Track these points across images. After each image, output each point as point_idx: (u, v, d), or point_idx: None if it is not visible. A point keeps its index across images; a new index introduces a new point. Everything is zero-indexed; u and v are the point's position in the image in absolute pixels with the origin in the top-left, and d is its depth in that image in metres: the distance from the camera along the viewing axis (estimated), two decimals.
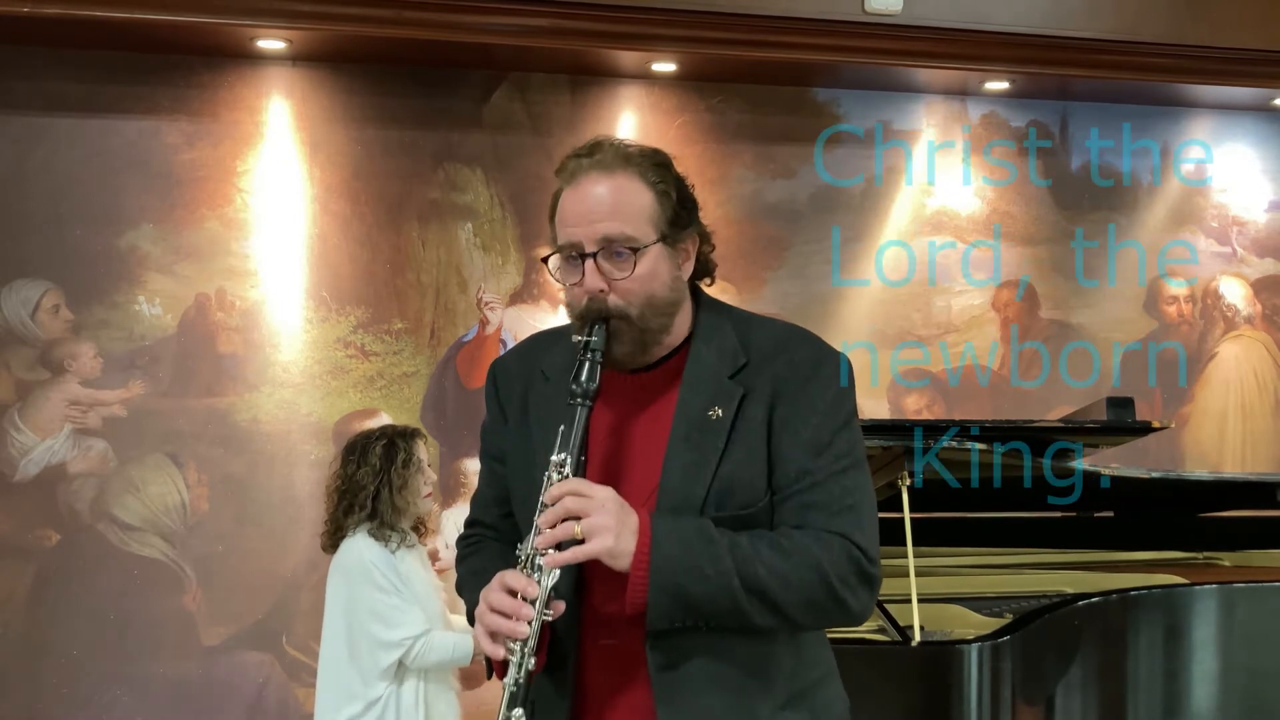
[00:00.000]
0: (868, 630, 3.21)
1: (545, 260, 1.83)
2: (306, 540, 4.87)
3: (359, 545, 3.43)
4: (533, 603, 1.65)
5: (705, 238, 1.87)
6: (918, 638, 2.98)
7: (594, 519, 1.65)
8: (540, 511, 1.68)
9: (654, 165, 1.81)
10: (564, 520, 1.66)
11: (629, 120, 5.39)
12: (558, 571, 1.67)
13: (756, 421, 1.75)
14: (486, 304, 5.24)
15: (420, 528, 3.62)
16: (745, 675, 1.74)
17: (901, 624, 3.06)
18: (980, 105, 5.75)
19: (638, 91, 5.41)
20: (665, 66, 5.29)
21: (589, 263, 1.75)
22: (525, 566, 1.68)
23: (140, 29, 4.69)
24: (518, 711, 1.66)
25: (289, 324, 5.07)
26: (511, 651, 1.66)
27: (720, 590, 1.66)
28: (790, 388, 1.77)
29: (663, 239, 1.78)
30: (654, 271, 1.76)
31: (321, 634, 3.53)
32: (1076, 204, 5.81)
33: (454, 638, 3.43)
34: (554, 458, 1.70)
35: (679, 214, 1.80)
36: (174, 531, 4.91)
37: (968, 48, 5.25)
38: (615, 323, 1.74)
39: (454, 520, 5.07)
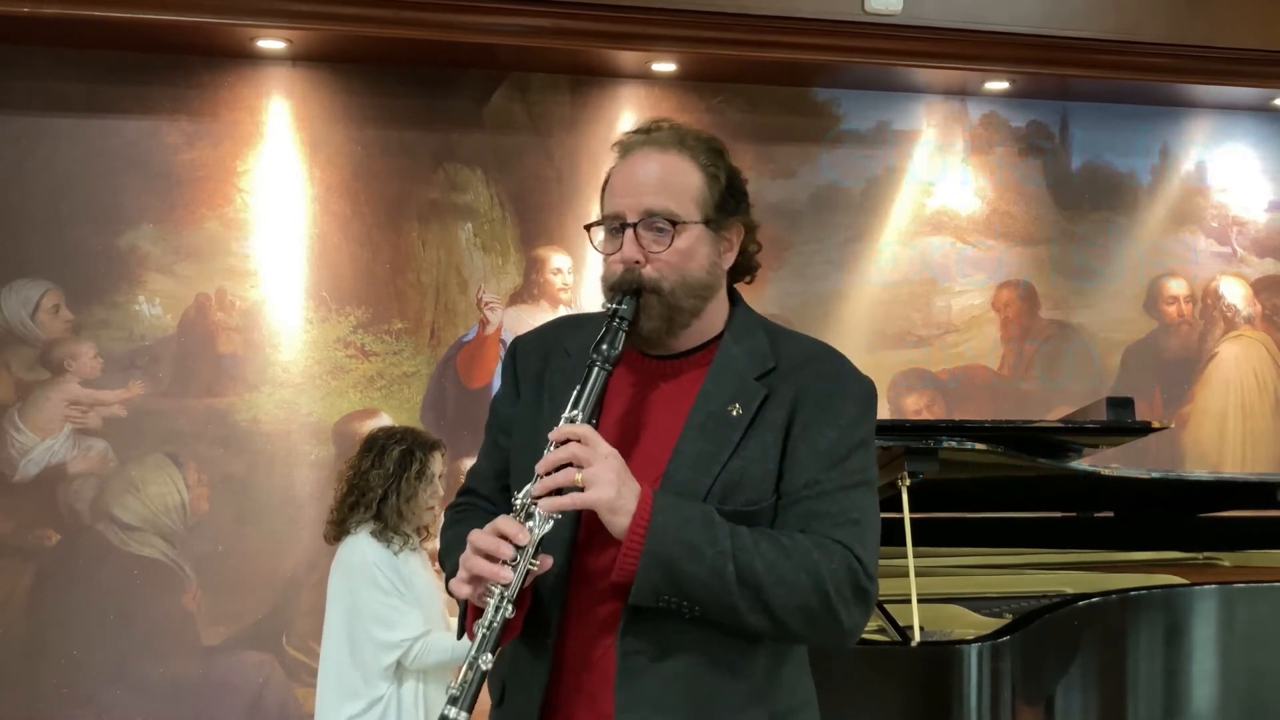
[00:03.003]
0: (868, 630, 3.21)
1: (589, 228, 1.84)
2: (306, 540, 4.87)
3: (362, 545, 3.43)
4: (521, 549, 1.63)
5: (752, 231, 1.88)
6: (918, 638, 2.98)
7: (596, 469, 1.64)
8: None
9: (708, 149, 1.83)
10: (565, 466, 1.64)
11: (629, 120, 5.39)
12: (551, 523, 1.65)
13: (775, 424, 1.74)
14: (486, 304, 5.24)
15: (422, 531, 3.62)
16: (716, 680, 1.70)
17: (901, 624, 3.05)
18: (980, 105, 5.75)
19: (638, 91, 5.41)
20: (665, 66, 5.29)
21: (628, 233, 1.76)
22: (519, 515, 1.66)
23: (140, 29, 4.69)
24: (486, 656, 1.62)
25: (289, 324, 5.07)
26: (490, 594, 1.63)
27: (713, 574, 1.63)
28: (814, 398, 1.76)
29: (706, 222, 1.79)
30: (692, 250, 1.77)
31: (323, 633, 3.53)
32: (1076, 204, 5.82)
33: (453, 639, 3.42)
34: (565, 414, 1.69)
35: (726, 200, 1.82)
36: (174, 531, 4.91)
37: (968, 48, 5.25)
38: (647, 296, 1.75)
39: None
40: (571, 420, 1.69)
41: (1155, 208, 5.91)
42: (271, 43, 4.93)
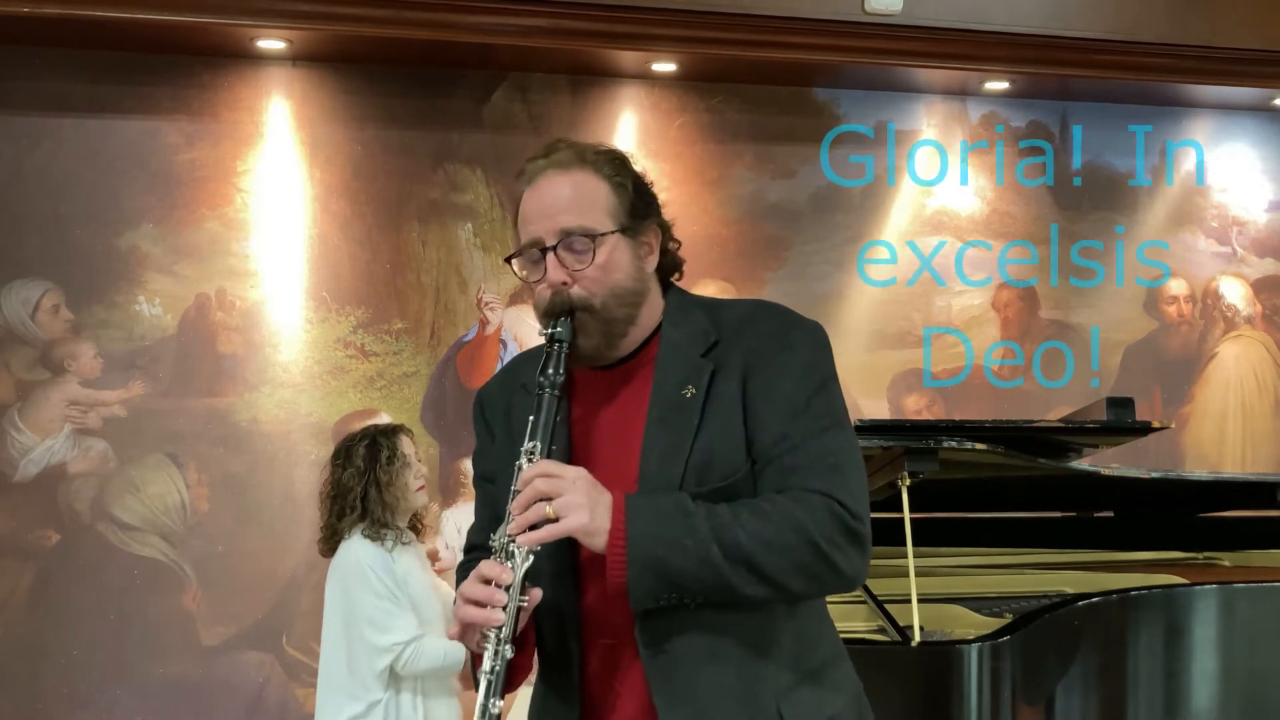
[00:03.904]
0: (868, 630, 3.21)
1: (509, 261, 1.85)
2: (306, 540, 4.87)
3: (355, 548, 3.43)
4: (507, 589, 1.64)
5: (666, 230, 1.88)
6: (918, 638, 2.98)
7: (566, 497, 1.64)
8: (512, 499, 1.68)
9: (609, 161, 1.83)
10: (536, 503, 1.65)
11: (629, 120, 5.39)
12: (532, 558, 1.66)
13: (729, 395, 1.75)
14: (486, 304, 5.24)
15: (418, 525, 3.61)
16: (743, 655, 1.71)
17: (901, 624, 3.06)
18: (980, 105, 5.75)
19: (638, 91, 5.41)
20: (665, 66, 5.29)
21: (550, 256, 1.77)
22: (499, 556, 1.67)
23: (140, 29, 4.69)
24: (496, 701, 1.63)
25: (289, 324, 5.07)
26: (486, 639, 1.64)
27: (700, 562, 1.64)
28: (762, 358, 1.76)
29: (622, 230, 1.79)
30: (614, 261, 1.78)
31: (321, 636, 3.53)
32: (1076, 204, 5.81)
33: (445, 645, 3.40)
34: (524, 446, 1.71)
35: (636, 206, 1.82)
36: (174, 531, 4.91)
37: (968, 48, 5.25)
38: (580, 315, 1.76)
39: (454, 520, 5.08)
40: (530, 452, 1.70)
41: (1155, 208, 5.91)
42: (271, 43, 4.93)
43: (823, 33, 5.07)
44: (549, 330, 1.76)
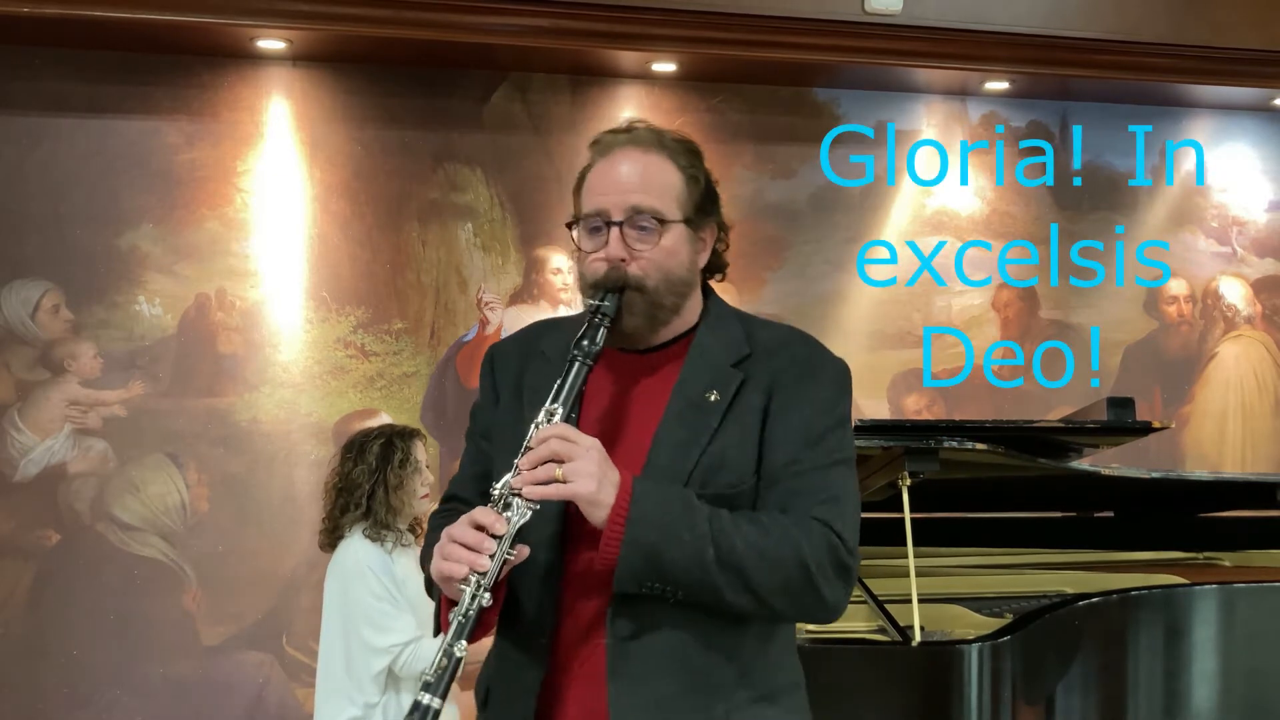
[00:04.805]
0: (868, 630, 3.21)
1: (570, 225, 1.86)
2: (306, 540, 4.86)
3: (355, 547, 3.42)
4: (498, 539, 1.65)
5: (724, 230, 1.92)
6: (918, 638, 2.98)
7: (578, 463, 1.65)
8: (523, 454, 1.69)
9: (686, 151, 1.86)
10: (546, 462, 1.66)
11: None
12: (529, 514, 1.67)
13: (752, 408, 1.77)
14: (486, 304, 5.24)
15: (417, 528, 3.61)
16: (705, 664, 1.72)
17: (901, 624, 3.06)
18: (980, 105, 5.74)
19: (638, 91, 5.41)
20: (665, 66, 5.29)
21: (614, 231, 1.79)
22: (496, 505, 1.68)
23: (140, 29, 4.69)
24: (461, 644, 1.63)
25: (289, 324, 5.07)
26: (466, 582, 1.64)
27: (693, 558, 1.65)
28: (789, 380, 1.79)
29: (687, 222, 1.82)
30: (675, 249, 1.81)
31: (320, 636, 3.53)
32: (1076, 204, 5.81)
33: None
34: (546, 406, 1.72)
35: (704, 202, 1.86)
36: (174, 531, 4.91)
37: (968, 48, 5.25)
38: (630, 294, 1.78)
39: None
40: (551, 413, 1.71)
41: (1155, 208, 5.91)
42: (271, 43, 4.93)
43: (823, 33, 5.07)
44: (595, 301, 1.78)
